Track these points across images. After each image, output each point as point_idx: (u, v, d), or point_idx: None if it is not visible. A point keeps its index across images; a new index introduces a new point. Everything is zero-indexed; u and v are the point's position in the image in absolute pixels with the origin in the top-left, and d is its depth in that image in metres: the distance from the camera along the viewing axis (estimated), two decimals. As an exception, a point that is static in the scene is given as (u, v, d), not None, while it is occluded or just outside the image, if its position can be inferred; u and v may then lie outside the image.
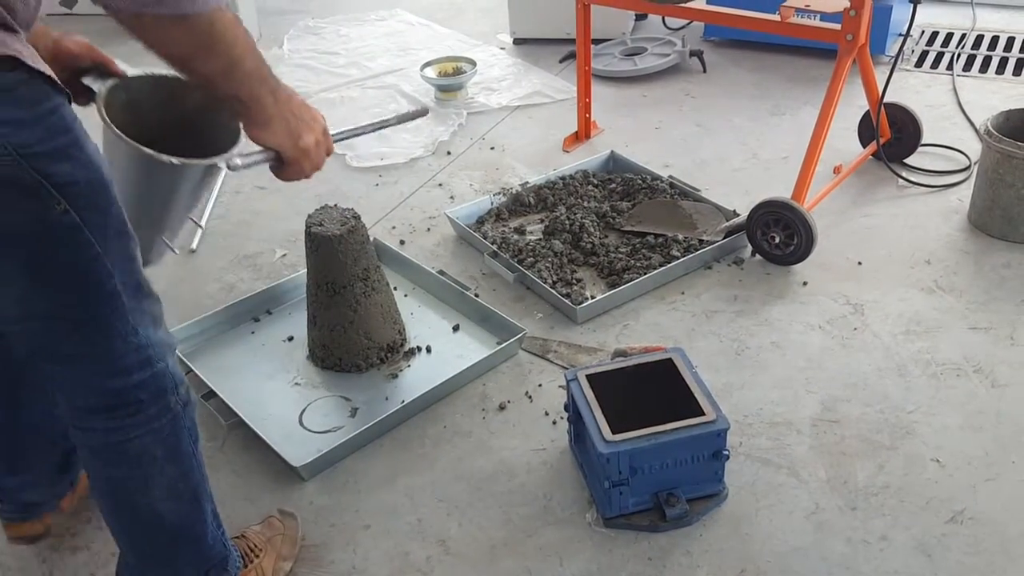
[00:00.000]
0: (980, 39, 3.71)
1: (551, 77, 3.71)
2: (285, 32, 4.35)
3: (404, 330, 2.26)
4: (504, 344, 2.15)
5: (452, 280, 2.40)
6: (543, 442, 1.94)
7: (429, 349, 2.23)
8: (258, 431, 1.94)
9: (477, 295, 2.37)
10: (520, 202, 2.76)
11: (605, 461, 1.64)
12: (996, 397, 1.97)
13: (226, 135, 1.40)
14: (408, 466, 1.91)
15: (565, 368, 2.11)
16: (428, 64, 3.62)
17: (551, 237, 2.56)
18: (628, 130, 3.25)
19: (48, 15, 4.66)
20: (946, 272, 2.37)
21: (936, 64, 3.56)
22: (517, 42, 4.09)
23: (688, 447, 1.68)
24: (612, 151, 2.98)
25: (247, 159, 1.34)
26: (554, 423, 1.99)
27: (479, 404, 2.06)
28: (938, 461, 1.83)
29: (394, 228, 2.76)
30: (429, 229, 2.74)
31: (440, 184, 3.00)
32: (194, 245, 2.73)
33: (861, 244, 2.51)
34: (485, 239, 2.57)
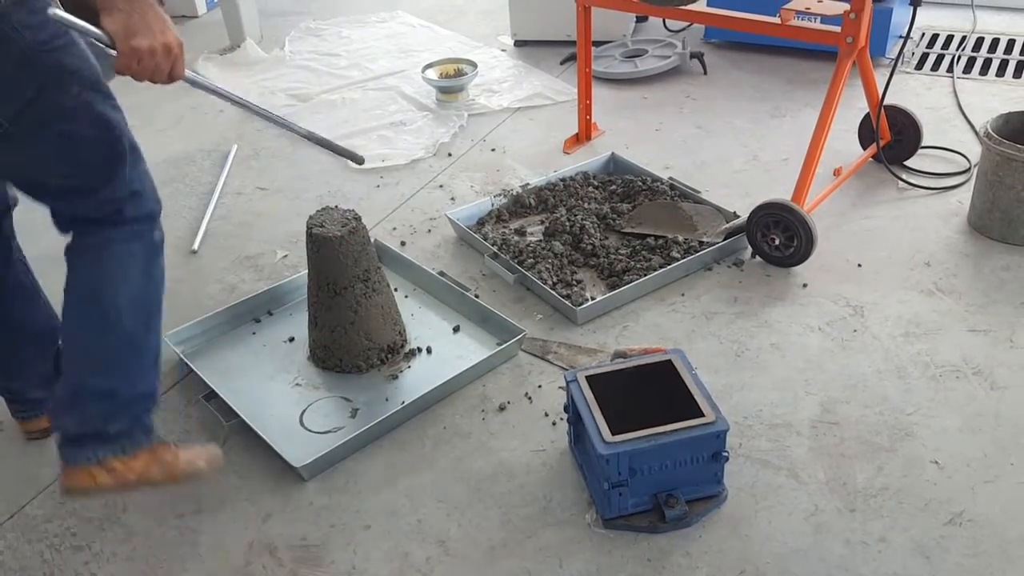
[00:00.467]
0: (980, 41, 3.72)
1: (552, 79, 3.72)
2: (286, 34, 4.36)
3: (404, 331, 2.27)
4: (504, 345, 2.16)
5: (452, 281, 2.40)
6: (543, 443, 1.95)
7: (429, 350, 2.23)
8: (259, 431, 1.95)
9: (477, 296, 2.38)
10: (520, 203, 2.77)
11: (605, 462, 1.64)
12: (995, 399, 1.97)
13: None
14: (408, 467, 1.92)
15: (565, 369, 2.11)
16: (429, 66, 3.62)
17: (551, 238, 2.57)
18: (629, 132, 3.26)
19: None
20: (946, 274, 2.37)
21: (936, 66, 3.56)
22: (518, 44, 4.10)
23: (687, 448, 1.68)
24: (613, 153, 2.99)
25: (78, 23, 1.43)
26: (554, 424, 1.99)
27: (479, 405, 2.07)
28: (937, 463, 1.83)
29: (395, 229, 2.77)
30: (430, 230, 2.75)
31: (441, 185, 3.01)
32: (195, 246, 2.73)
33: (861, 246, 2.51)
34: (485, 240, 2.58)
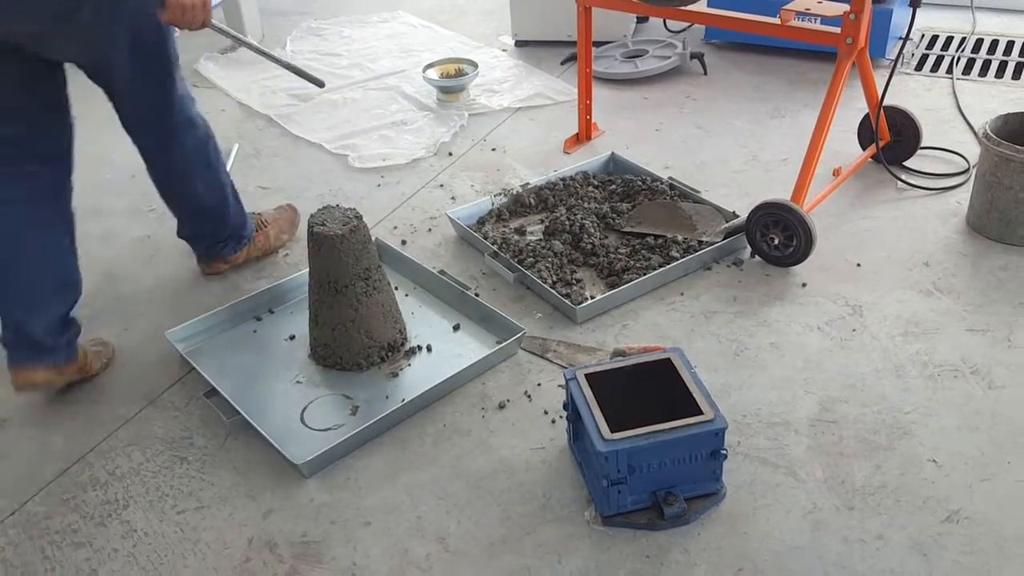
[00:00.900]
0: (980, 43, 3.73)
1: (552, 79, 3.73)
2: (288, 33, 4.36)
3: (405, 329, 2.27)
4: (504, 343, 2.17)
5: (453, 280, 2.41)
6: (542, 441, 1.96)
7: (430, 348, 2.24)
8: (260, 428, 1.95)
9: (477, 295, 2.39)
10: (521, 203, 2.78)
11: (604, 459, 1.65)
12: (993, 398, 1.98)
13: None
14: (408, 464, 1.93)
15: (564, 367, 2.12)
16: (430, 66, 3.63)
17: (551, 238, 2.58)
18: (629, 132, 3.26)
19: None
20: (944, 274, 2.38)
21: (936, 68, 3.57)
22: (519, 44, 4.11)
23: (686, 446, 1.69)
24: (612, 152, 2.99)
25: None
26: (553, 422, 2.00)
27: (479, 403, 2.07)
28: (935, 461, 1.84)
29: (395, 228, 2.78)
30: (430, 229, 2.76)
31: (441, 185, 3.02)
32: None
33: (860, 246, 2.52)
34: (486, 239, 2.58)
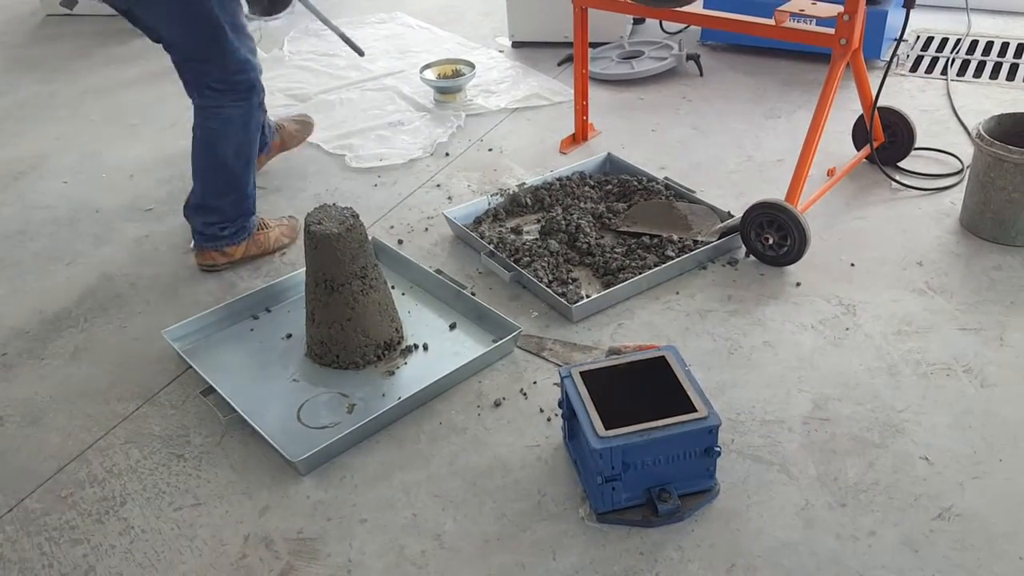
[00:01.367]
0: (974, 44, 3.74)
1: (549, 80, 3.74)
2: (286, 34, 4.38)
3: (401, 328, 2.29)
4: (500, 342, 2.18)
5: (449, 279, 2.42)
6: (537, 438, 1.97)
7: (426, 347, 2.25)
8: (256, 426, 1.96)
9: (474, 294, 2.40)
10: (517, 203, 2.79)
11: (598, 457, 1.66)
12: (985, 397, 1.99)
13: None
14: (404, 462, 1.94)
15: (560, 366, 2.13)
16: (427, 66, 3.65)
17: (547, 237, 2.59)
18: (625, 132, 3.28)
19: (48, 15, 4.71)
20: (937, 274, 2.40)
21: (931, 69, 3.59)
22: (516, 45, 4.12)
23: (680, 443, 1.70)
24: (608, 153, 3.01)
25: None
26: (548, 420, 2.01)
27: (475, 401, 2.08)
28: (927, 459, 1.85)
29: (392, 228, 2.79)
30: (427, 229, 2.77)
31: (438, 185, 3.03)
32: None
33: (854, 246, 2.53)
34: (482, 239, 2.60)
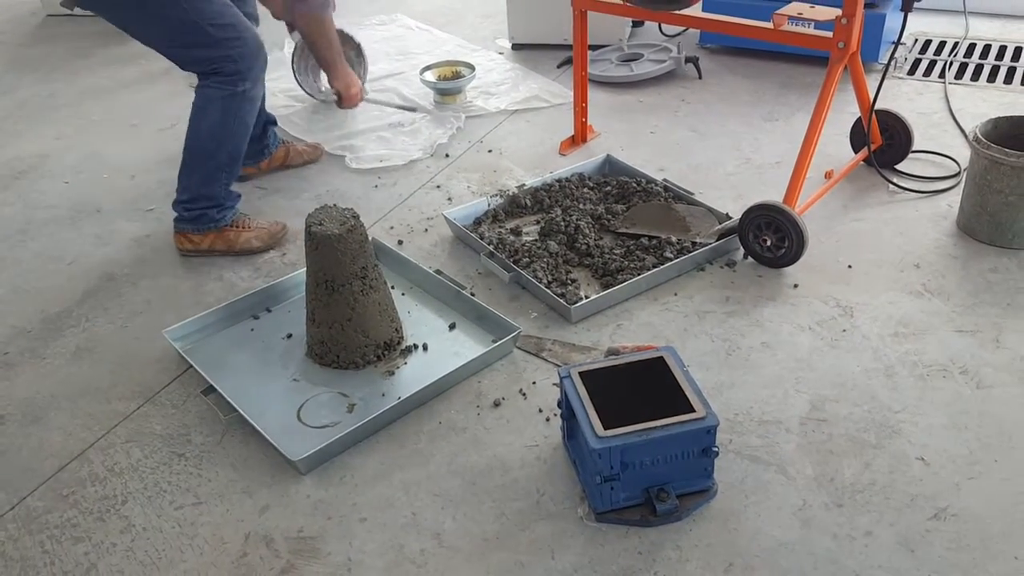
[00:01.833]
0: (972, 48, 3.76)
1: (548, 82, 3.75)
2: (286, 36, 4.37)
3: (401, 328, 2.30)
4: (499, 342, 2.19)
5: (449, 279, 2.43)
6: (536, 438, 1.98)
7: (425, 347, 2.26)
8: (257, 426, 1.97)
9: (473, 294, 2.41)
10: (517, 204, 2.80)
11: (597, 456, 1.67)
12: (980, 398, 2.01)
13: None
14: (404, 461, 1.95)
15: (559, 366, 2.14)
16: (427, 68, 3.66)
17: (547, 238, 2.60)
18: (624, 134, 3.29)
19: (48, 15, 4.72)
20: (934, 276, 2.41)
21: (928, 72, 3.60)
22: (516, 47, 4.13)
23: (678, 443, 1.71)
24: (608, 155, 3.02)
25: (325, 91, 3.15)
26: (547, 420, 2.02)
27: (474, 401, 2.09)
28: (923, 460, 1.86)
29: (392, 228, 2.80)
30: (427, 230, 2.78)
31: (438, 186, 3.04)
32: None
33: (851, 248, 2.54)
34: (482, 240, 2.61)
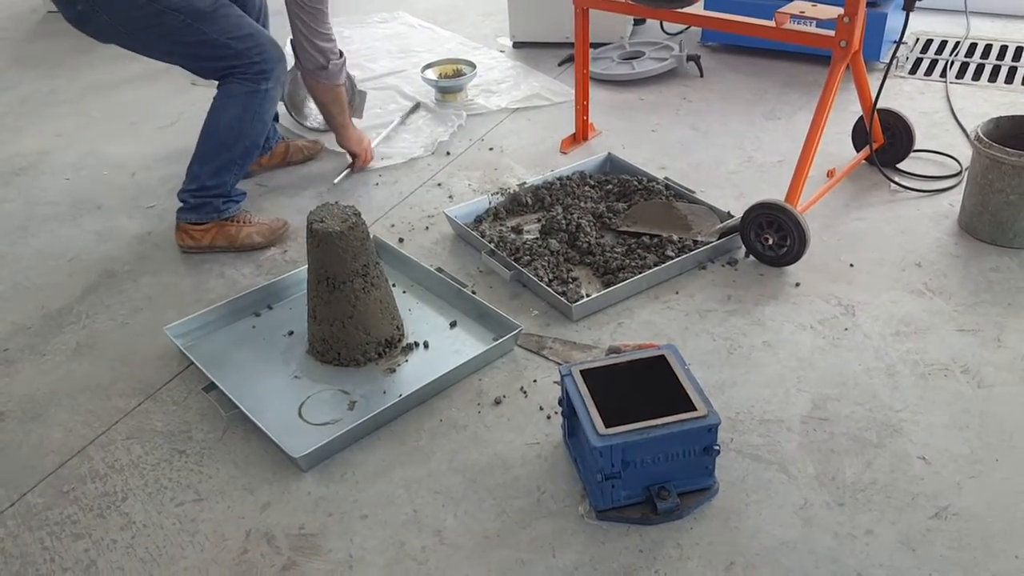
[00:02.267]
0: (974, 47, 3.76)
1: (550, 80, 3.75)
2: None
3: (402, 326, 2.29)
4: (500, 340, 2.18)
5: (450, 277, 2.43)
6: (537, 436, 1.98)
7: (426, 345, 2.26)
8: (258, 423, 1.97)
9: (474, 292, 2.41)
10: (518, 202, 2.80)
11: (598, 454, 1.67)
12: (982, 397, 2.01)
13: None
14: (405, 458, 1.95)
15: (560, 364, 2.14)
16: (429, 66, 3.66)
17: (548, 236, 2.60)
18: (625, 132, 3.29)
19: (49, 12, 4.72)
20: (936, 275, 2.41)
21: (930, 71, 3.60)
22: (517, 45, 4.13)
23: (679, 442, 1.71)
24: (609, 153, 3.02)
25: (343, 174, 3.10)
26: (548, 418, 2.02)
27: (475, 399, 2.09)
28: (924, 459, 1.86)
29: (393, 226, 2.80)
30: (428, 227, 2.78)
31: (439, 184, 3.04)
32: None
33: (853, 247, 2.54)
34: (483, 238, 2.60)
